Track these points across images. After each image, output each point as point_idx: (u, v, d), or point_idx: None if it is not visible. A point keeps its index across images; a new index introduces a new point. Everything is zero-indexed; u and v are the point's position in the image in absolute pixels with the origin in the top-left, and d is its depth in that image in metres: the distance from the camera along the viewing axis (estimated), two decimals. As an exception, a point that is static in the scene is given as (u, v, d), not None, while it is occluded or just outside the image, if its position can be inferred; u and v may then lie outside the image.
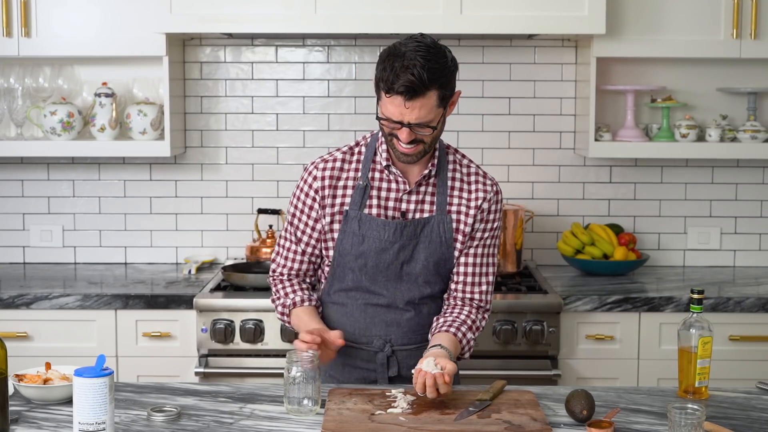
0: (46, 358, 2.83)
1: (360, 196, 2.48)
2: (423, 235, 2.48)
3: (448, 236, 2.49)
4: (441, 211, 2.49)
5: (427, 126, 2.36)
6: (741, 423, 2.16)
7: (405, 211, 2.49)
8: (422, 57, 2.30)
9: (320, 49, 3.97)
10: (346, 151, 2.54)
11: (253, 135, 4.00)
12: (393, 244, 2.47)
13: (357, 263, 2.49)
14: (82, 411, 1.95)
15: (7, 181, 4.02)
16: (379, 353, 2.52)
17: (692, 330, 2.32)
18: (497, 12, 3.52)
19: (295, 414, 2.20)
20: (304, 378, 2.20)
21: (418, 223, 2.48)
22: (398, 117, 2.33)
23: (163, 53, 3.67)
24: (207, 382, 3.34)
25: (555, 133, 4.00)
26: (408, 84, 2.29)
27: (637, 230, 4.03)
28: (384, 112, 2.36)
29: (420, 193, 2.50)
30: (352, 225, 2.48)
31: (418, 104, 2.32)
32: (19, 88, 3.79)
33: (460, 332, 2.45)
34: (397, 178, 2.49)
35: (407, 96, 2.30)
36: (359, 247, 2.47)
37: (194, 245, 4.04)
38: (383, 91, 2.34)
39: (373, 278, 2.49)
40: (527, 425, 2.10)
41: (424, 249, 2.48)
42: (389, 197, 2.49)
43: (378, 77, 2.35)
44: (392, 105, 2.33)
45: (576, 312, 3.42)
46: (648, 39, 3.66)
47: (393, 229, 2.46)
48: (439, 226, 2.48)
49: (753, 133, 3.78)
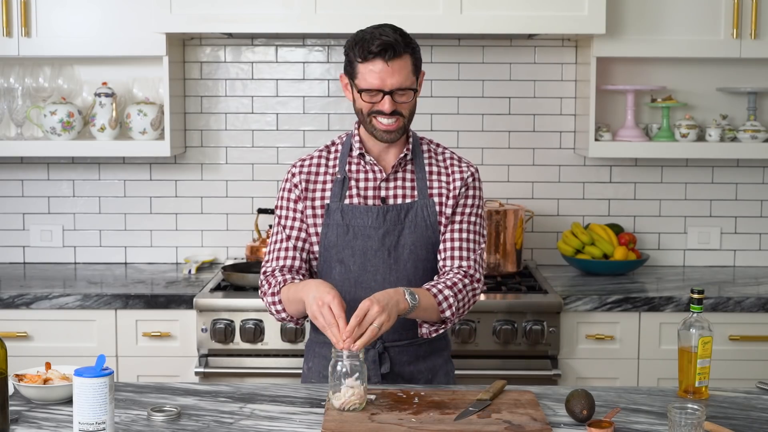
0: (46, 358, 2.83)
1: (339, 188, 2.52)
2: (408, 220, 2.50)
3: (432, 220, 2.52)
4: (423, 196, 2.53)
5: (408, 89, 2.41)
6: (741, 423, 2.16)
7: (384, 197, 2.53)
8: (389, 27, 2.44)
9: (320, 49, 3.97)
10: (322, 149, 2.61)
11: (253, 135, 4.00)
12: (377, 230, 2.49)
13: (344, 254, 2.50)
14: (82, 411, 1.95)
15: (7, 181, 4.02)
16: (371, 350, 2.51)
17: (692, 330, 2.32)
18: (497, 12, 3.52)
19: (342, 406, 2.16)
20: (351, 371, 2.18)
21: (401, 209, 2.50)
22: (379, 84, 2.40)
23: (163, 53, 3.67)
24: (207, 382, 3.34)
25: (555, 133, 4.00)
26: (385, 43, 2.38)
27: (637, 230, 4.03)
28: (362, 84, 2.41)
29: (398, 179, 2.54)
30: (335, 216, 2.50)
31: (397, 66, 2.39)
32: (19, 88, 3.79)
33: (436, 288, 2.41)
34: (373, 167, 2.53)
35: (387, 56, 2.38)
36: (345, 237, 2.50)
37: (194, 245, 4.04)
38: (358, 62, 2.41)
39: (361, 267, 2.50)
40: (527, 425, 2.10)
41: (410, 234, 2.50)
42: (367, 186, 2.53)
43: (349, 56, 2.45)
44: (373, 71, 2.40)
45: (576, 312, 3.42)
46: (648, 39, 3.66)
47: (375, 214, 2.49)
48: (423, 210, 2.51)
49: (753, 133, 3.78)
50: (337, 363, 2.19)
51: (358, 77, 2.43)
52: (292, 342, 3.37)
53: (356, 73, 2.43)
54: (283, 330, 3.37)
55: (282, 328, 3.36)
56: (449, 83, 3.94)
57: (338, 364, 2.18)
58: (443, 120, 3.97)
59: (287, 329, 3.36)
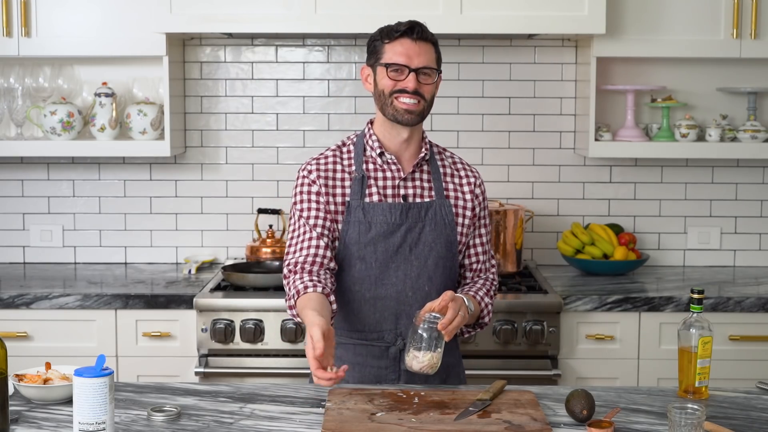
0: (46, 358, 2.83)
1: (359, 186, 2.53)
2: (428, 218, 2.54)
3: (449, 219, 2.56)
4: (440, 196, 2.57)
5: (433, 70, 2.48)
6: (741, 423, 2.16)
7: (405, 195, 2.55)
8: (412, 21, 2.51)
9: (320, 49, 3.97)
10: (335, 149, 2.62)
11: (253, 135, 4.00)
12: (400, 227, 2.51)
13: (366, 251, 2.50)
14: (82, 411, 1.95)
15: (7, 181, 4.02)
16: (391, 347, 2.52)
17: (692, 330, 2.32)
18: (497, 12, 3.52)
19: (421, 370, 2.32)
20: (429, 339, 2.31)
21: (421, 207, 2.54)
22: (405, 60, 2.46)
23: (163, 53, 3.67)
24: (207, 382, 3.34)
25: (555, 133, 4.00)
26: (412, 23, 2.48)
27: (637, 230, 4.03)
28: (388, 60, 2.47)
29: (416, 179, 2.57)
30: (357, 214, 2.51)
31: (424, 48, 2.48)
32: (19, 88, 3.79)
33: (478, 296, 2.57)
34: (391, 165, 2.55)
35: (414, 35, 2.46)
36: (366, 235, 2.50)
37: (194, 245, 4.04)
38: (385, 43, 2.49)
39: (383, 264, 2.50)
40: (527, 425, 2.10)
41: (431, 231, 2.53)
42: (387, 185, 2.55)
43: (374, 43, 2.52)
44: (400, 48, 2.47)
45: (576, 312, 3.42)
46: (648, 39, 3.66)
47: (399, 211, 2.52)
48: (441, 209, 2.56)
49: (753, 133, 3.78)
50: (418, 328, 2.32)
51: (384, 57, 2.49)
52: (292, 342, 3.37)
53: (382, 53, 2.49)
54: (283, 330, 3.37)
55: (282, 328, 3.36)
56: (449, 83, 3.94)
57: (420, 329, 2.32)
58: (443, 120, 3.97)
59: (287, 329, 3.36)
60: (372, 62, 2.53)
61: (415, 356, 2.33)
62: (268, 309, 3.37)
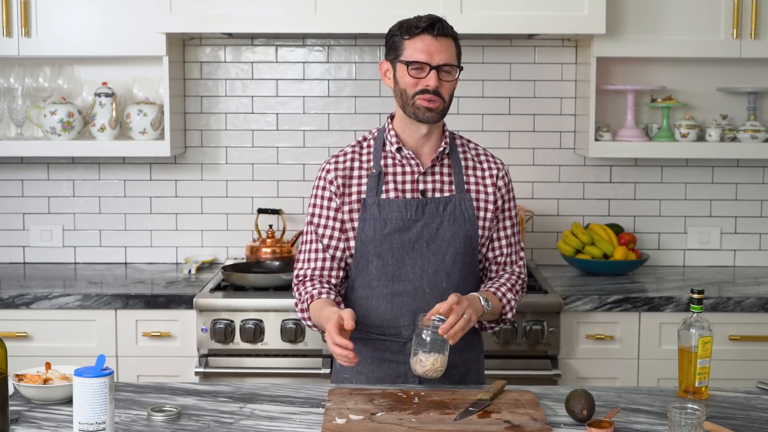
0: (46, 358, 2.83)
1: (375, 182, 2.52)
2: (447, 213, 2.51)
3: (470, 213, 2.53)
4: (460, 190, 2.54)
5: (453, 67, 2.46)
6: (741, 423, 2.16)
7: (424, 190, 2.53)
8: (432, 16, 2.46)
9: (320, 49, 3.97)
10: (354, 145, 2.60)
11: (253, 135, 4.00)
12: (416, 222, 2.50)
13: (382, 248, 2.49)
14: (82, 411, 1.95)
15: (7, 181, 4.02)
16: (408, 343, 2.50)
17: (692, 330, 2.32)
18: (497, 12, 3.52)
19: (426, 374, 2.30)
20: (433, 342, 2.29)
21: (439, 202, 2.52)
22: (426, 57, 2.43)
23: (163, 53, 3.67)
24: (207, 382, 3.34)
25: (555, 132, 4.00)
26: (432, 19, 2.44)
27: (637, 230, 4.03)
28: (408, 57, 2.44)
29: (435, 173, 2.55)
30: (372, 211, 2.50)
31: (445, 44, 2.44)
32: (19, 88, 3.79)
33: (500, 292, 2.54)
34: (410, 160, 2.54)
35: (435, 31, 2.43)
36: (382, 231, 2.49)
37: (194, 245, 4.04)
38: (405, 39, 2.45)
39: (399, 260, 2.49)
40: (527, 425, 2.10)
41: (449, 226, 2.51)
42: (405, 180, 2.53)
43: (394, 39, 2.48)
44: (420, 44, 2.44)
45: (576, 312, 3.42)
46: (648, 39, 3.66)
47: (414, 207, 2.50)
48: (461, 204, 2.53)
49: (753, 133, 3.78)
50: (422, 332, 2.30)
51: (404, 54, 2.46)
52: (292, 342, 3.37)
53: (402, 50, 2.46)
54: (283, 330, 3.37)
55: (282, 328, 3.37)
56: (449, 83, 3.93)
57: (423, 333, 2.30)
58: (443, 120, 3.97)
59: (287, 329, 3.36)
60: (391, 58, 2.50)
61: (419, 360, 2.30)
62: (268, 309, 3.37)
